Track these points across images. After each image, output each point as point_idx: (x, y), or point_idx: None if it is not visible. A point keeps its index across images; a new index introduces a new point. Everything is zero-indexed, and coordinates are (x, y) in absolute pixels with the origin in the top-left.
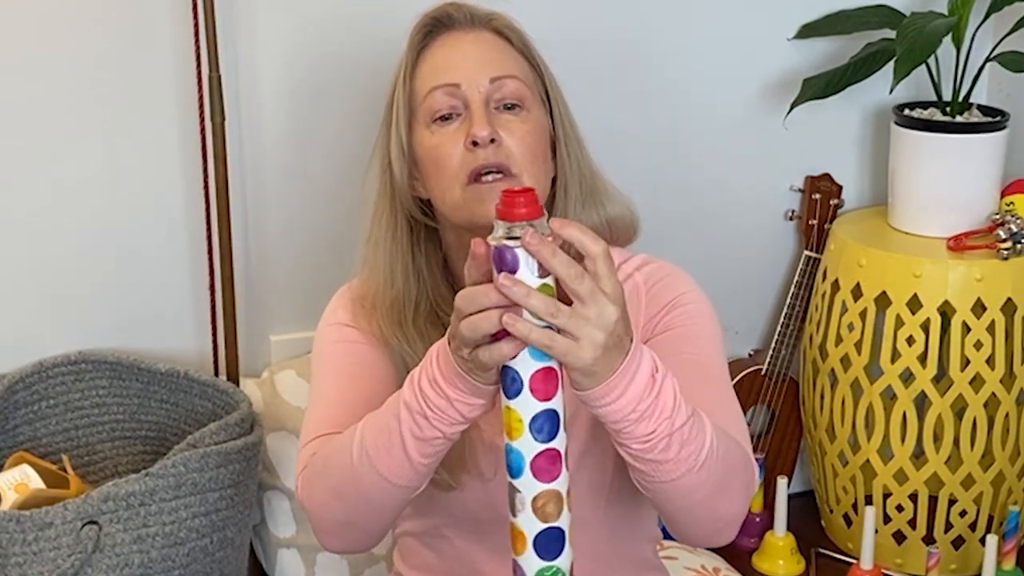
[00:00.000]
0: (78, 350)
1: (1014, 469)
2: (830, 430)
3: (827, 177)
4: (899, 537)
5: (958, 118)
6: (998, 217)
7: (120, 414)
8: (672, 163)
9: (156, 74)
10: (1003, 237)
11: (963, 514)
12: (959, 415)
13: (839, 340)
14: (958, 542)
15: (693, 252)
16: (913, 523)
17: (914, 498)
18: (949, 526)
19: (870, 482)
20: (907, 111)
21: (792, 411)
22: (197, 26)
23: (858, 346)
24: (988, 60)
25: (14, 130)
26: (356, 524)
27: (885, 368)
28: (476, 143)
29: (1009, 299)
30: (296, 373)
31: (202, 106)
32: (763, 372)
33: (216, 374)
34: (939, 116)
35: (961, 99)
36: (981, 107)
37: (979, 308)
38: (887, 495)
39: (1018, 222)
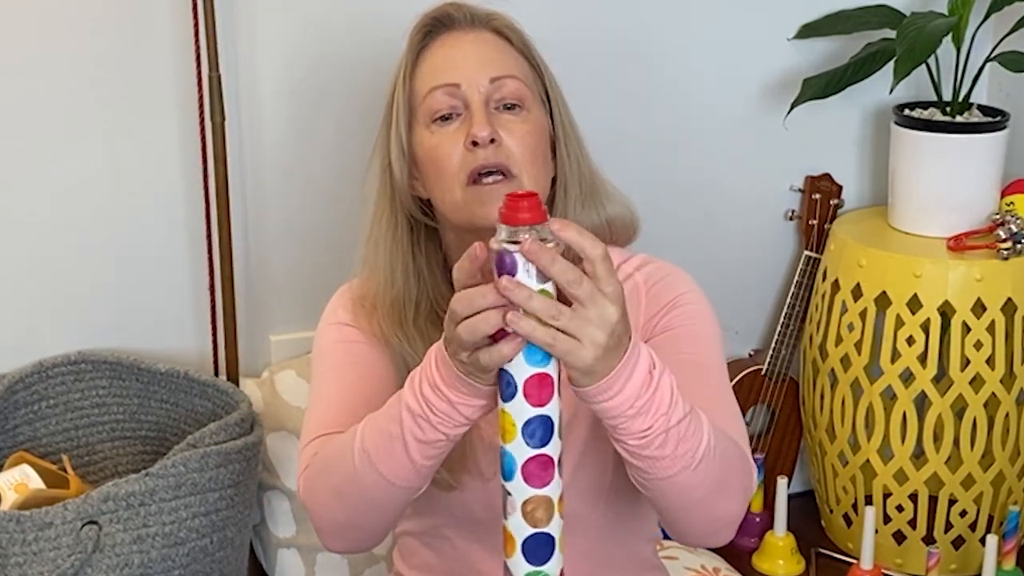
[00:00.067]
0: (78, 350)
1: (1014, 469)
2: (830, 430)
3: (827, 177)
4: (899, 537)
5: (958, 118)
6: (998, 217)
7: (120, 414)
8: (672, 163)
9: (156, 74)
10: (1003, 237)
11: (963, 514)
12: (959, 415)
13: (839, 340)
14: (958, 542)
15: (693, 252)
16: (913, 523)
17: (914, 498)
18: (949, 526)
19: (870, 482)
20: (907, 111)
21: (792, 411)
22: (197, 26)
23: (858, 346)
24: (988, 60)
25: (14, 130)
26: (358, 524)
27: (885, 368)
28: (476, 143)
29: (1009, 299)
30: (296, 373)
31: (202, 106)
32: (763, 372)
33: (216, 374)
34: (939, 116)
35: (961, 99)
36: (981, 107)
37: (979, 308)
38: (887, 495)
39: (1018, 222)
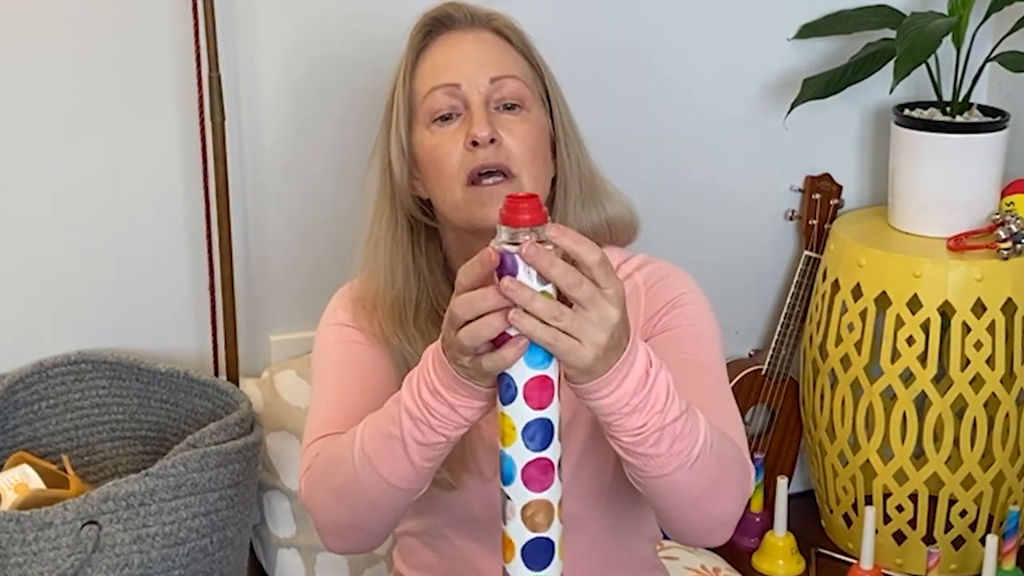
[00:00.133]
0: (78, 350)
1: (1014, 469)
2: (830, 430)
3: (827, 177)
4: (899, 537)
5: (958, 118)
6: (998, 217)
7: (120, 414)
8: (672, 163)
9: (156, 74)
10: (1003, 237)
11: (963, 514)
12: (959, 415)
13: (839, 340)
14: (958, 542)
15: (693, 252)
16: (913, 523)
17: (914, 498)
18: (949, 526)
19: (870, 482)
20: (907, 111)
21: (792, 411)
22: (197, 26)
23: (858, 346)
24: (988, 60)
25: (14, 130)
26: (359, 525)
27: (885, 368)
28: (476, 143)
29: (1009, 299)
30: (296, 373)
31: (202, 106)
32: (763, 372)
33: (216, 374)
34: (939, 116)
35: (961, 99)
36: (981, 107)
37: (979, 308)
38: (887, 495)
39: (1018, 222)
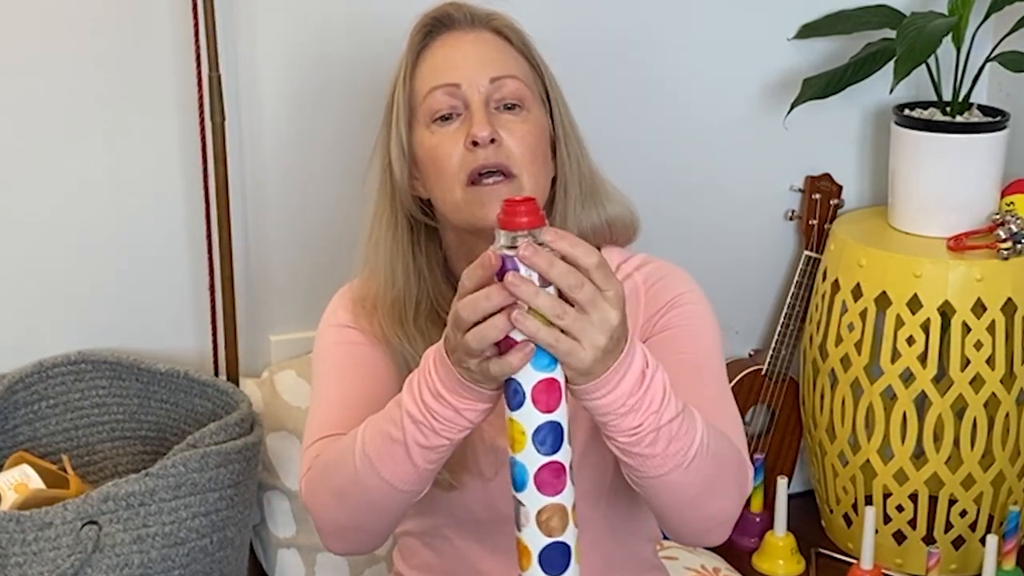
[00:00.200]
0: (78, 350)
1: (1014, 469)
2: (830, 430)
3: (827, 177)
4: (899, 537)
5: (958, 118)
6: (998, 217)
7: (120, 414)
8: (672, 163)
9: (156, 74)
10: (1003, 237)
11: (963, 514)
12: (959, 415)
13: (839, 340)
14: (958, 542)
15: (693, 252)
16: (913, 523)
17: (914, 498)
18: (949, 526)
19: (870, 482)
20: (907, 111)
21: (792, 411)
22: (197, 26)
23: (858, 346)
24: (988, 60)
25: (14, 130)
26: (359, 526)
27: (885, 368)
28: (476, 143)
29: (1009, 299)
30: (296, 373)
31: (202, 106)
32: (763, 372)
33: (216, 374)
34: (939, 116)
35: (961, 99)
36: (981, 107)
37: (979, 308)
38: (887, 495)
39: (1018, 222)
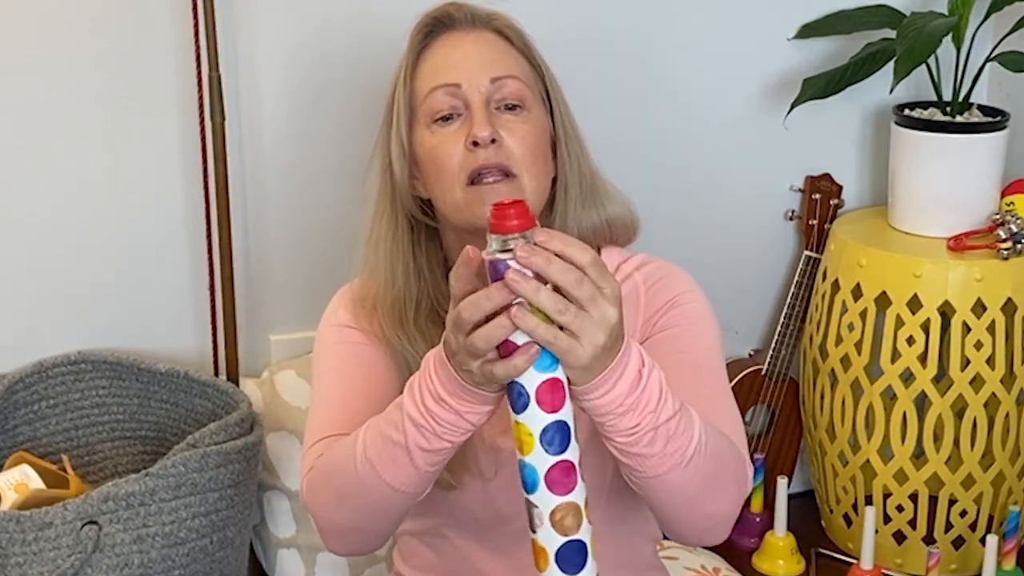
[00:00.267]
0: (78, 350)
1: (1014, 469)
2: (830, 430)
3: (827, 177)
4: (899, 537)
5: (958, 118)
6: (998, 217)
7: (120, 414)
8: (672, 163)
9: (156, 74)
10: (1003, 237)
11: (963, 514)
12: (959, 415)
13: (839, 340)
14: (958, 542)
15: (693, 252)
16: (913, 523)
17: (914, 498)
18: (949, 526)
19: (870, 482)
20: (907, 111)
21: (792, 411)
22: (197, 26)
23: (858, 346)
24: (988, 60)
25: (14, 130)
26: (360, 527)
27: (885, 368)
28: (477, 143)
29: (1009, 299)
30: (296, 373)
31: (202, 106)
32: (763, 372)
33: (216, 374)
34: (939, 116)
35: (961, 99)
36: (981, 107)
37: (979, 308)
38: (887, 495)
39: (1018, 222)
